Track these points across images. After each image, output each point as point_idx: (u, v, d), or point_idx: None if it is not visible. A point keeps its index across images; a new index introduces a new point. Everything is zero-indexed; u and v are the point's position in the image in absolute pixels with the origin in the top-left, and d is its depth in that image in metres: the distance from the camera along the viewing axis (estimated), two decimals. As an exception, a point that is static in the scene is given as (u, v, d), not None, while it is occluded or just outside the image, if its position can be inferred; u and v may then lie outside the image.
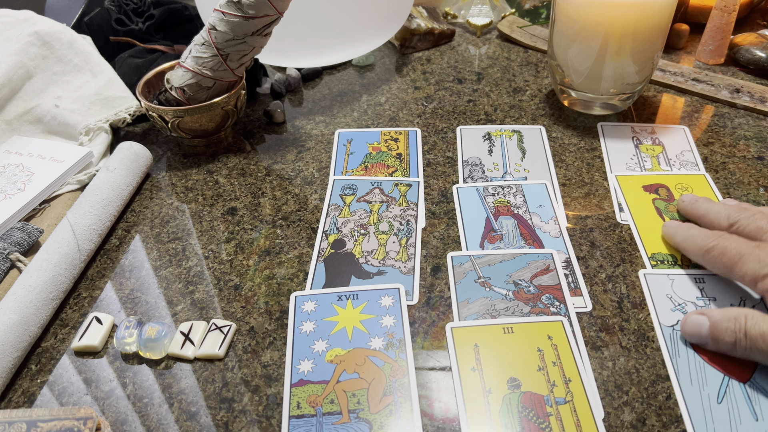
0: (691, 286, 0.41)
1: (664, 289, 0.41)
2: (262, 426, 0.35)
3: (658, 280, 0.42)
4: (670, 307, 0.40)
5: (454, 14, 0.79)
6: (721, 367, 0.36)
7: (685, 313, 0.39)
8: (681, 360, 0.37)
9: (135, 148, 0.54)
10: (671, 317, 0.40)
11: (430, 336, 0.40)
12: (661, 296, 0.41)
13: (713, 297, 0.40)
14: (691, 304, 0.40)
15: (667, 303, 0.41)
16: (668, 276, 0.42)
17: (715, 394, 0.35)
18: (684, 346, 0.38)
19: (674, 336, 0.38)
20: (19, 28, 0.60)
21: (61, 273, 0.43)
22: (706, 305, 0.40)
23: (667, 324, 0.39)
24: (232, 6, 0.49)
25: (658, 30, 0.52)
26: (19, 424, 0.33)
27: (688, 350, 0.37)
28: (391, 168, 0.54)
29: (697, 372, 0.36)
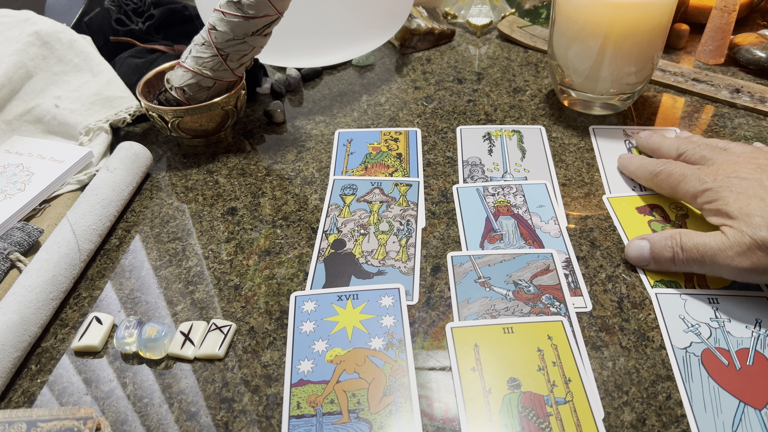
0: (704, 307, 0.40)
1: (676, 309, 0.40)
2: (262, 426, 0.35)
3: (671, 300, 0.41)
4: (682, 329, 0.39)
5: (454, 14, 0.79)
6: (736, 393, 0.35)
7: (699, 335, 0.39)
8: (695, 385, 0.36)
9: (135, 148, 0.54)
10: (684, 339, 0.38)
11: (430, 336, 0.40)
12: (674, 317, 0.40)
13: (728, 318, 0.39)
14: (704, 326, 0.39)
15: (680, 324, 0.39)
16: (680, 296, 0.41)
17: (730, 421, 0.34)
18: (698, 370, 0.37)
19: (687, 359, 0.37)
20: (19, 28, 0.60)
21: (61, 273, 0.43)
22: (721, 327, 0.39)
23: (680, 346, 0.38)
24: (232, 6, 0.49)
25: (658, 30, 0.52)
26: (19, 424, 0.33)
27: (702, 374, 0.36)
28: (391, 168, 0.54)
29: (712, 398, 0.35)
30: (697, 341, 0.38)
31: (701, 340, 0.38)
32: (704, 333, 0.39)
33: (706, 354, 0.37)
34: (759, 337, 0.38)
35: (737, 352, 0.37)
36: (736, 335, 0.38)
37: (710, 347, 0.38)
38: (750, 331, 0.38)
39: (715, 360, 0.37)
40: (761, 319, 0.39)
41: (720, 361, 0.37)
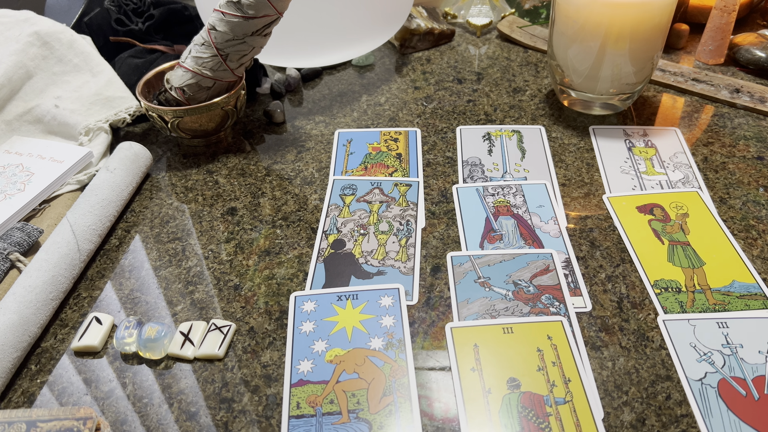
0: (715, 331, 0.38)
1: (686, 336, 0.38)
2: (261, 426, 0.35)
3: (679, 327, 0.39)
4: (695, 358, 0.37)
5: (454, 14, 0.79)
6: (758, 426, 0.34)
7: (712, 363, 0.37)
8: (715, 420, 0.34)
9: (135, 148, 0.54)
10: (698, 370, 0.37)
11: (429, 336, 0.40)
12: (684, 345, 0.38)
13: (740, 343, 0.38)
14: (717, 354, 0.37)
15: (692, 353, 0.37)
16: (689, 322, 0.39)
17: None
18: (716, 403, 0.35)
19: (704, 392, 0.35)
20: (19, 28, 0.60)
21: (61, 273, 0.43)
22: (734, 353, 0.37)
23: (695, 378, 0.36)
24: (231, 6, 0.49)
25: (657, 30, 0.52)
26: (18, 424, 0.33)
27: (721, 407, 0.35)
28: (390, 168, 0.54)
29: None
30: (711, 371, 0.36)
31: (716, 369, 0.37)
32: (718, 361, 0.37)
33: (723, 385, 0.36)
34: None
35: (754, 381, 0.36)
36: (750, 362, 0.37)
37: (726, 377, 0.36)
38: (764, 357, 0.37)
39: (732, 391, 0.35)
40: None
41: (737, 391, 0.35)
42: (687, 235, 0.46)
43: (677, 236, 0.46)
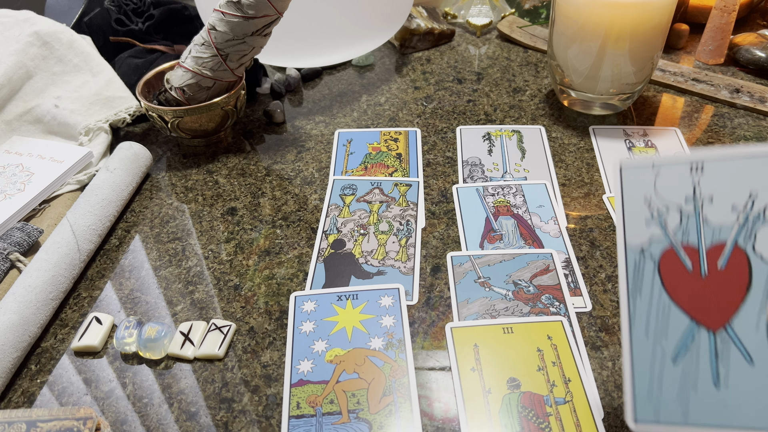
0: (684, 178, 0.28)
1: (643, 187, 0.29)
2: (261, 426, 0.35)
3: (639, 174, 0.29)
4: (645, 217, 0.29)
5: (454, 14, 0.79)
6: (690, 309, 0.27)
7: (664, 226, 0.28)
8: (642, 300, 0.28)
9: (135, 148, 0.54)
10: (643, 234, 0.29)
11: (429, 336, 0.40)
12: (637, 200, 0.29)
13: (710, 195, 0.28)
14: (675, 210, 0.28)
15: (643, 210, 0.29)
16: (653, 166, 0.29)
17: (673, 348, 0.27)
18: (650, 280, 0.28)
19: (641, 264, 0.28)
20: (19, 28, 0.60)
21: (61, 273, 0.43)
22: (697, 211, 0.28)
23: (636, 244, 0.29)
24: (231, 6, 0.49)
25: (657, 30, 0.52)
26: (18, 424, 0.33)
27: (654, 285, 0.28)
28: (390, 168, 0.54)
29: (658, 316, 0.28)
30: (658, 237, 0.29)
31: (665, 234, 0.28)
32: (671, 223, 0.28)
33: (667, 256, 0.28)
34: (746, 223, 0.27)
35: (709, 251, 0.28)
36: (715, 222, 0.28)
37: (675, 244, 0.28)
38: (735, 215, 0.27)
39: (677, 264, 0.28)
40: (758, 191, 0.27)
41: (682, 264, 0.28)
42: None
43: None
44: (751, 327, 0.26)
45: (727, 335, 0.27)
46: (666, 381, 0.27)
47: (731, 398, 0.26)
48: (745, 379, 0.26)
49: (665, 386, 0.27)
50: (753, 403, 0.26)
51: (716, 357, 0.27)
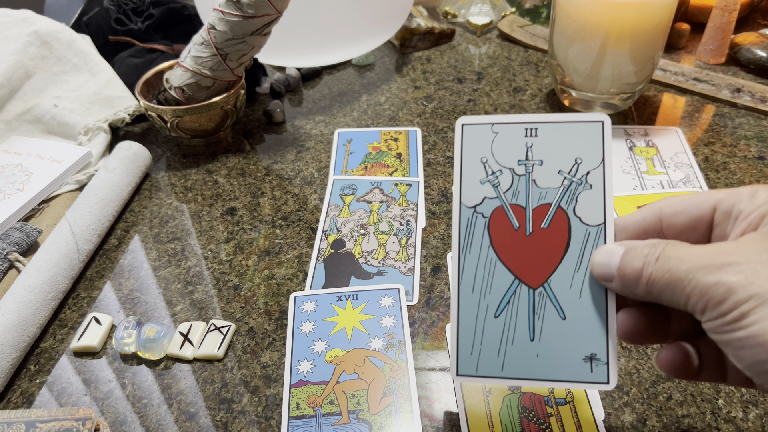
0: (518, 141, 0.30)
1: (481, 149, 0.30)
2: (261, 427, 0.35)
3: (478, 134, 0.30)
4: (479, 178, 0.30)
5: (454, 13, 0.79)
6: (514, 267, 0.29)
7: (496, 186, 0.30)
8: (470, 257, 0.29)
9: (134, 147, 0.54)
10: (477, 194, 0.30)
11: (430, 336, 0.40)
12: (474, 161, 0.30)
13: (540, 159, 0.30)
14: (508, 172, 0.30)
15: (479, 171, 0.30)
16: (492, 128, 0.30)
17: (496, 304, 0.29)
18: (480, 237, 0.29)
19: (472, 222, 0.30)
20: (18, 27, 0.60)
21: (60, 273, 0.43)
22: (527, 173, 0.30)
23: (469, 204, 0.30)
24: (231, 5, 0.49)
25: (658, 29, 0.52)
26: (18, 424, 0.33)
27: (483, 242, 0.29)
28: (390, 168, 0.54)
29: (485, 273, 0.29)
30: (491, 196, 0.30)
31: (497, 193, 0.30)
32: (504, 183, 0.30)
33: (497, 214, 0.30)
34: (570, 187, 0.29)
35: (534, 211, 0.29)
36: (543, 185, 0.29)
37: (504, 204, 0.30)
38: (561, 178, 0.29)
39: (505, 222, 0.30)
40: (582, 158, 0.29)
41: (510, 223, 0.30)
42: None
43: None
44: (565, 284, 0.28)
45: (544, 292, 0.29)
46: (487, 335, 0.29)
47: (543, 351, 0.28)
48: (556, 334, 0.28)
49: (486, 340, 0.29)
50: (560, 356, 0.28)
51: (533, 312, 0.29)
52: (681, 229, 0.28)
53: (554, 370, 0.28)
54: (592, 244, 0.28)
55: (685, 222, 0.27)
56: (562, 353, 0.28)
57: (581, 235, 0.29)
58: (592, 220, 0.29)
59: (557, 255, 0.29)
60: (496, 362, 0.29)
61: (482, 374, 0.29)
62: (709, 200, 0.27)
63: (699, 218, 0.27)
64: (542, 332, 0.28)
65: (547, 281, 0.29)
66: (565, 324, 0.28)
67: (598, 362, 0.28)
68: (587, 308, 0.28)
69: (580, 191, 0.29)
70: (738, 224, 0.25)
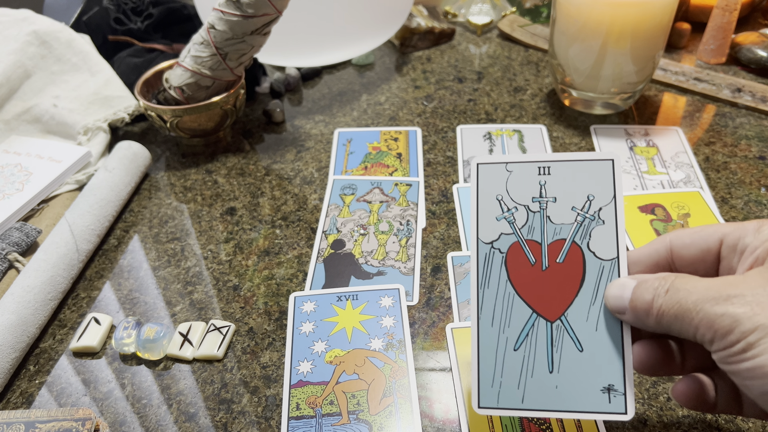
0: (532, 179, 0.31)
1: (496, 187, 0.32)
2: (261, 427, 0.35)
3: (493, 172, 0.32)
4: (496, 214, 0.31)
5: (455, 13, 0.79)
6: (532, 301, 0.30)
7: (512, 222, 0.31)
8: (489, 291, 0.30)
9: (134, 147, 0.54)
10: (493, 230, 0.31)
11: (430, 337, 0.40)
12: (490, 199, 0.32)
13: (554, 196, 0.31)
14: (523, 209, 0.31)
15: (494, 208, 0.31)
16: (506, 167, 0.32)
17: (515, 337, 0.30)
18: (498, 272, 0.31)
19: (490, 257, 0.31)
20: (18, 27, 0.60)
21: (60, 273, 0.42)
22: (542, 210, 0.31)
23: (486, 240, 0.31)
24: (231, 5, 0.49)
25: (659, 29, 0.52)
26: (17, 425, 0.33)
27: (501, 277, 0.30)
28: (390, 168, 0.54)
29: (503, 307, 0.30)
30: (507, 232, 0.31)
31: (513, 230, 0.31)
32: (519, 220, 0.31)
33: (514, 250, 0.31)
34: (583, 222, 0.30)
35: (550, 246, 0.31)
36: (557, 221, 0.31)
37: (521, 240, 0.31)
38: (575, 215, 0.31)
39: (522, 257, 0.31)
40: (594, 194, 0.31)
41: (527, 258, 0.31)
42: (688, 234, 0.45)
43: None
44: (582, 317, 0.29)
45: (561, 325, 0.30)
46: (507, 368, 0.30)
47: (562, 383, 0.29)
48: (574, 365, 0.29)
49: (507, 373, 0.30)
50: (579, 387, 0.29)
51: (552, 345, 0.30)
52: (690, 261, 0.29)
53: (573, 401, 0.29)
54: (606, 278, 0.29)
55: (693, 254, 0.28)
56: (581, 385, 0.29)
57: (596, 269, 0.30)
58: (606, 255, 0.30)
59: (573, 289, 0.30)
60: (516, 394, 0.29)
61: (503, 406, 0.30)
62: (716, 234, 0.28)
63: (706, 251, 0.28)
64: (561, 364, 0.29)
65: (564, 314, 0.30)
66: (582, 356, 0.29)
67: (615, 393, 0.29)
68: (604, 340, 0.29)
69: (593, 227, 0.30)
70: (744, 259, 0.26)
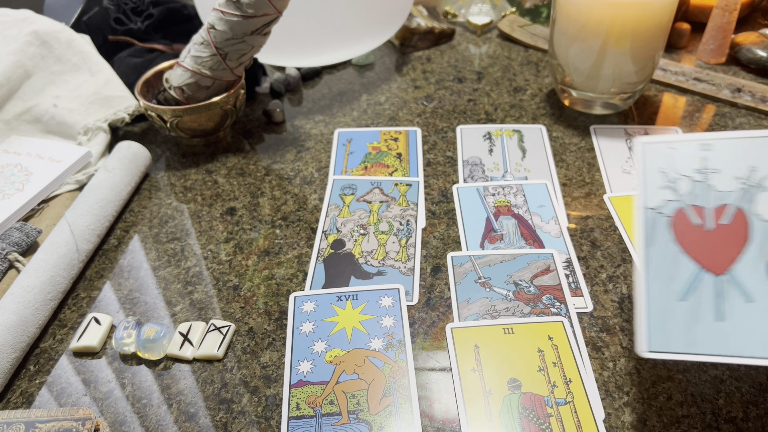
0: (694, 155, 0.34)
1: (660, 161, 0.34)
2: (261, 427, 0.35)
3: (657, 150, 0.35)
4: (659, 184, 0.34)
5: (455, 13, 0.79)
6: (697, 256, 0.32)
7: (675, 190, 0.33)
8: (655, 249, 0.32)
9: (134, 147, 0.54)
10: (657, 197, 0.33)
11: (430, 336, 0.40)
12: (655, 169, 0.34)
13: (715, 168, 0.33)
14: (686, 179, 0.33)
15: (658, 179, 0.34)
16: (669, 145, 0.34)
17: (682, 289, 0.31)
18: (663, 231, 0.33)
19: (655, 220, 0.33)
20: (18, 27, 0.60)
21: (60, 273, 0.42)
22: (705, 180, 0.33)
23: (651, 206, 0.33)
24: (231, 5, 0.49)
25: (659, 29, 0.52)
26: (17, 425, 0.33)
27: (668, 236, 0.32)
28: (390, 168, 0.54)
29: (669, 263, 0.32)
30: (671, 198, 0.33)
31: (676, 196, 0.34)
32: (682, 188, 0.33)
33: (678, 214, 0.33)
34: (746, 190, 0.32)
35: (715, 210, 0.33)
36: (721, 188, 0.33)
37: (684, 205, 0.33)
38: (738, 184, 0.33)
39: (686, 220, 0.33)
40: (757, 165, 0.33)
41: (691, 220, 0.33)
42: (688, 234, 0.45)
43: None
44: (750, 271, 0.31)
45: (728, 278, 0.31)
46: (675, 317, 0.31)
47: (732, 331, 0.30)
48: (744, 315, 0.30)
49: (674, 321, 0.31)
50: (751, 334, 0.30)
51: (719, 296, 0.31)
52: None
53: (746, 347, 0.29)
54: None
55: None
56: (751, 332, 0.30)
57: (761, 229, 0.31)
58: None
59: (738, 247, 0.31)
60: (684, 340, 0.30)
61: (674, 350, 0.30)
62: None
63: None
64: (730, 314, 0.30)
65: (730, 269, 0.31)
66: (752, 306, 0.30)
67: None
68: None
69: (756, 193, 0.32)
70: None
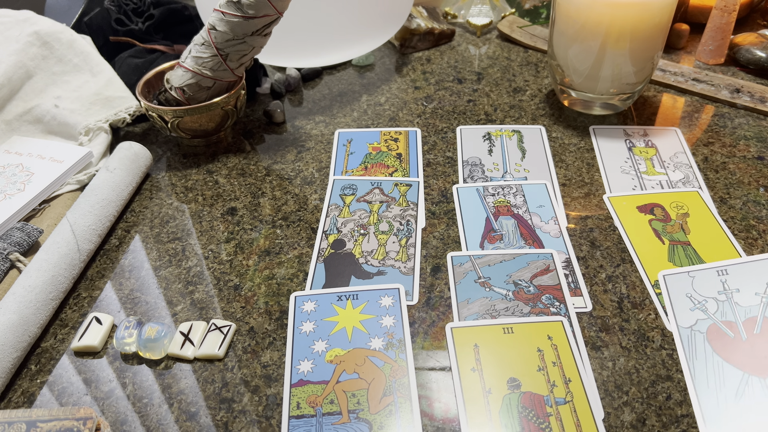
0: (713, 280, 0.40)
1: (683, 288, 0.40)
2: (261, 426, 0.35)
3: (678, 279, 0.41)
4: (689, 307, 0.39)
5: (454, 14, 0.79)
6: (740, 365, 0.35)
7: (705, 311, 0.38)
8: (698, 362, 0.36)
9: (135, 148, 0.54)
10: (690, 318, 0.39)
11: (430, 336, 0.40)
12: (680, 297, 0.40)
13: (736, 288, 0.39)
14: (712, 301, 0.39)
15: (686, 303, 0.39)
16: (688, 274, 0.41)
17: (733, 393, 0.34)
18: (702, 347, 0.37)
19: (692, 337, 0.37)
20: (19, 28, 0.60)
21: (61, 273, 0.43)
22: (729, 299, 0.38)
23: (685, 325, 0.38)
24: (231, 6, 0.49)
25: (658, 30, 0.52)
26: (18, 424, 0.33)
27: (707, 350, 0.37)
28: (391, 168, 0.54)
29: (715, 373, 0.36)
30: (702, 318, 0.38)
31: (707, 315, 0.38)
32: (711, 308, 0.38)
33: (712, 329, 0.37)
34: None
35: (744, 323, 0.37)
36: (745, 305, 0.38)
37: (716, 322, 0.38)
38: (759, 298, 0.38)
39: (721, 334, 0.37)
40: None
41: (725, 334, 0.37)
42: (687, 234, 0.46)
43: (678, 236, 0.46)
44: None
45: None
46: (730, 413, 0.34)
47: None
48: None
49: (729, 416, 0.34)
50: None
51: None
52: None
53: None
54: None
55: None
56: None
57: None
58: None
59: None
60: None
61: None
62: None
63: None
64: None
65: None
66: None
67: None
68: None
69: None
70: None
